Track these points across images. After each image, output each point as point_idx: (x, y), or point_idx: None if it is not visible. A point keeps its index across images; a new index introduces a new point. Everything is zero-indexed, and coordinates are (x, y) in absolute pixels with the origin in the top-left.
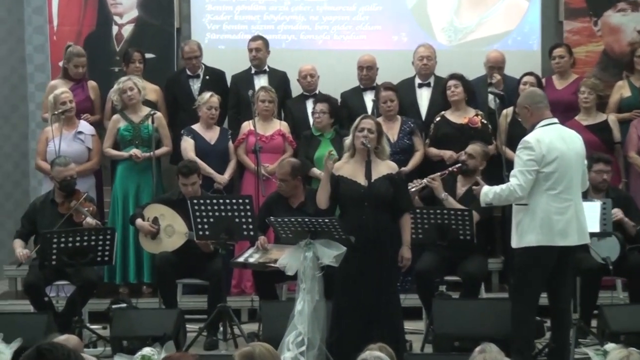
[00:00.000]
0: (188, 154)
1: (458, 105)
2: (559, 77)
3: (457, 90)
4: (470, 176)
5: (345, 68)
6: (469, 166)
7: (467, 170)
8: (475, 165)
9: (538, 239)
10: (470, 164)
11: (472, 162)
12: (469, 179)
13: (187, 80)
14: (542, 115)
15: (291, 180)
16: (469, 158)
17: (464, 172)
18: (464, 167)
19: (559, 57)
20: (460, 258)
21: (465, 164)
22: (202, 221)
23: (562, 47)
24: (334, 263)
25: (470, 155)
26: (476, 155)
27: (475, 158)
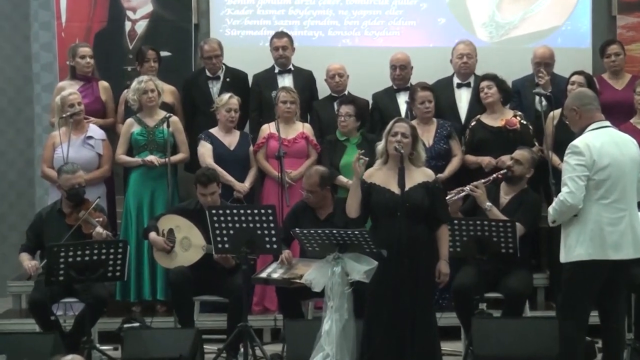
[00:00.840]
0: (206, 160)
1: (493, 107)
2: (612, 77)
3: (490, 91)
4: (515, 184)
5: (377, 67)
6: (515, 173)
7: (513, 178)
8: (522, 172)
9: (589, 253)
10: (517, 170)
11: (519, 168)
12: (514, 187)
13: (206, 82)
14: (592, 117)
15: (320, 191)
16: (516, 164)
17: (508, 180)
18: (509, 174)
19: (614, 54)
20: (502, 273)
21: (510, 170)
22: (221, 233)
23: (616, 44)
24: (364, 279)
25: (517, 160)
26: (524, 161)
27: (523, 164)
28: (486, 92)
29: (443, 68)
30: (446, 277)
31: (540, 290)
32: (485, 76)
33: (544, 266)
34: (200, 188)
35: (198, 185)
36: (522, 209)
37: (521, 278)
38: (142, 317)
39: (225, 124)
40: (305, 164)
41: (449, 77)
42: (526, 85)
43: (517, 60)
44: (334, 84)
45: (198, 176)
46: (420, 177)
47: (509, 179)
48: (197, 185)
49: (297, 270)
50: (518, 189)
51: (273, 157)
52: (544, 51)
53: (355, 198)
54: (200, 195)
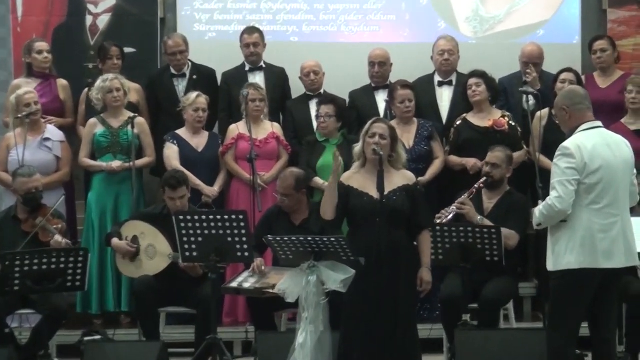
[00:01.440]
0: (172, 163)
1: (481, 106)
2: (601, 74)
3: (479, 89)
4: (497, 187)
5: (354, 64)
6: (495, 177)
7: (494, 182)
8: (502, 174)
9: (579, 261)
10: (496, 174)
11: (498, 171)
12: (497, 191)
13: (171, 80)
14: (583, 117)
15: (295, 194)
16: (493, 168)
17: (489, 185)
18: (490, 180)
19: (600, 50)
20: (484, 282)
21: (490, 176)
22: (189, 240)
23: (604, 40)
24: (340, 288)
25: (493, 165)
26: (500, 163)
27: (500, 166)
28: (474, 90)
29: (424, 65)
30: (428, 285)
31: (527, 300)
32: (473, 73)
33: (531, 274)
34: (168, 191)
35: (166, 188)
36: (512, 216)
37: (499, 286)
38: (104, 329)
39: (193, 125)
40: (277, 166)
41: (430, 74)
42: (513, 83)
43: (503, 56)
44: (308, 82)
45: (166, 179)
46: (401, 180)
47: (489, 185)
48: (165, 188)
49: (270, 279)
50: (501, 192)
51: (243, 159)
52: (532, 49)
53: (331, 199)
54: (169, 199)
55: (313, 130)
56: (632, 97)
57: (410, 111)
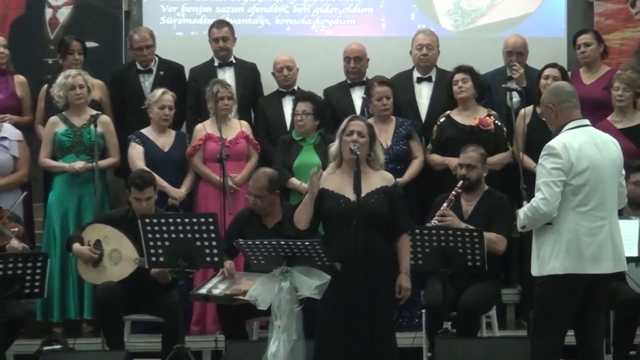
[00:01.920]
0: (136, 163)
1: (467, 103)
2: (586, 70)
3: (465, 85)
4: (475, 189)
5: (329, 59)
6: (472, 179)
7: (471, 184)
8: (478, 174)
9: (564, 266)
10: (472, 175)
11: (474, 172)
12: (475, 192)
13: (137, 76)
14: (570, 115)
15: (268, 195)
16: (468, 170)
17: (467, 188)
18: (467, 183)
19: (584, 45)
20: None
21: (466, 178)
22: (155, 245)
23: (588, 34)
24: (315, 295)
25: (468, 166)
26: (475, 163)
27: (476, 166)
28: (460, 86)
29: (402, 60)
30: (407, 292)
31: (511, 306)
32: (460, 68)
33: (515, 280)
34: (134, 192)
35: (132, 189)
36: (496, 218)
37: (478, 291)
38: (64, 338)
39: (159, 123)
40: (248, 167)
41: (408, 70)
42: (497, 80)
43: (485, 51)
44: (281, 78)
45: (133, 179)
46: (379, 181)
47: (466, 187)
48: (131, 189)
49: (241, 285)
50: (479, 192)
51: (211, 161)
52: (515, 40)
53: (306, 212)
54: (135, 200)
55: (286, 129)
56: (619, 94)
57: (387, 109)
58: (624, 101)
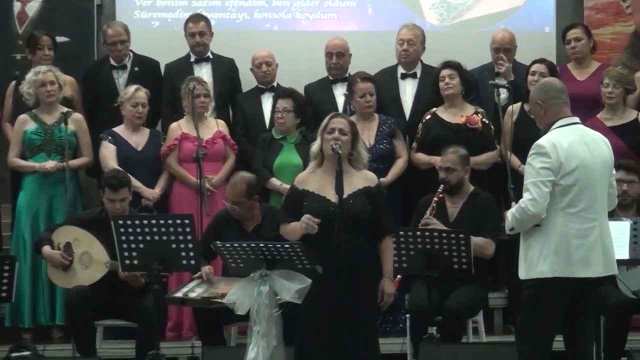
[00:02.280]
0: (108, 163)
1: (453, 100)
2: (576, 66)
3: (452, 82)
4: (459, 191)
5: (310, 54)
6: (452, 182)
7: (454, 188)
8: (459, 177)
9: (553, 269)
10: (452, 179)
11: (454, 176)
12: (460, 194)
13: (111, 72)
14: (559, 113)
15: (247, 201)
16: (448, 173)
17: (449, 191)
18: (447, 187)
19: (574, 40)
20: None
21: (446, 182)
22: (129, 247)
23: (578, 28)
24: (295, 299)
25: (447, 169)
26: (455, 166)
27: (455, 169)
28: (447, 83)
29: (386, 56)
30: (390, 297)
31: (498, 311)
32: (447, 64)
33: (502, 283)
34: (108, 193)
35: (106, 189)
36: (484, 221)
37: (464, 296)
38: (34, 344)
39: (132, 121)
40: (225, 168)
41: (392, 66)
42: (484, 75)
43: (472, 46)
44: (260, 74)
45: (107, 179)
46: (361, 181)
47: (449, 190)
48: (104, 189)
49: (219, 289)
50: (465, 194)
51: (187, 161)
52: (503, 35)
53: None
54: (108, 201)
55: (265, 127)
56: (609, 91)
57: (371, 106)
58: (614, 98)
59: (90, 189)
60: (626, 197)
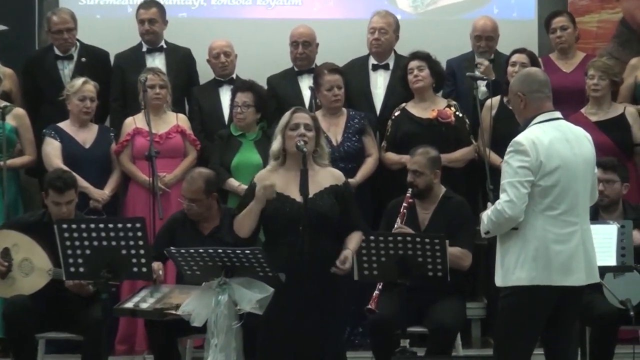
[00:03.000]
0: (52, 161)
1: (423, 94)
2: (560, 56)
3: (421, 74)
4: (429, 194)
5: (273, 44)
6: (420, 186)
7: (422, 192)
8: (427, 181)
9: (531, 277)
10: (420, 182)
11: (422, 179)
12: (430, 198)
13: (55, 63)
14: (540, 107)
15: (205, 199)
16: (415, 176)
17: (418, 195)
18: (416, 191)
19: (560, 29)
20: (428, 302)
21: (414, 186)
22: (74, 254)
23: (563, 16)
24: (257, 310)
25: (415, 172)
26: (423, 169)
27: (423, 173)
28: (416, 75)
29: (356, 45)
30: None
31: (476, 322)
32: (415, 55)
33: (481, 293)
34: (53, 195)
35: (51, 191)
36: (458, 228)
37: (451, 308)
38: None
39: (79, 116)
40: (182, 165)
41: (363, 57)
42: (463, 66)
43: (449, 34)
44: (218, 65)
45: (51, 180)
46: (327, 179)
47: (418, 194)
48: (48, 191)
49: (173, 299)
50: (436, 198)
51: (140, 158)
52: (485, 22)
53: (250, 220)
54: (53, 204)
55: (224, 122)
56: (594, 82)
57: (338, 100)
58: (599, 91)
59: (32, 190)
60: (603, 197)
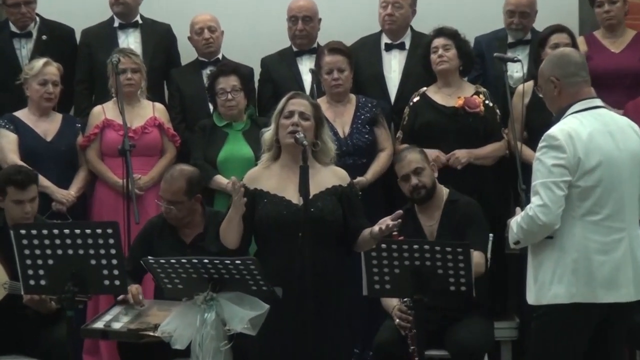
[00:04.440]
0: (7, 156)
1: (448, 77)
2: (607, 34)
3: (447, 54)
4: (430, 197)
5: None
6: (428, 185)
7: (426, 195)
8: (432, 176)
9: (570, 293)
10: (426, 181)
11: (426, 176)
12: (434, 204)
13: (11, 41)
14: (577, 94)
15: (186, 201)
16: (419, 176)
17: (421, 201)
18: (418, 195)
19: (608, 2)
20: (449, 321)
21: (421, 188)
22: (34, 264)
23: None
24: (249, 330)
25: (415, 171)
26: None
27: (424, 168)
28: (441, 55)
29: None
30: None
31: (506, 344)
32: (441, 31)
33: (512, 311)
34: (14, 193)
35: (10, 189)
36: (467, 230)
37: (476, 328)
38: None
39: (39, 104)
40: (160, 165)
41: (375, 34)
42: (494, 46)
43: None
44: (202, 43)
45: (9, 175)
46: (330, 179)
47: (421, 200)
48: (6, 190)
49: (150, 317)
50: (440, 202)
51: (110, 155)
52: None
53: (234, 229)
54: (14, 204)
55: (209, 110)
56: None
57: (340, 85)
58: None
59: None
60: None
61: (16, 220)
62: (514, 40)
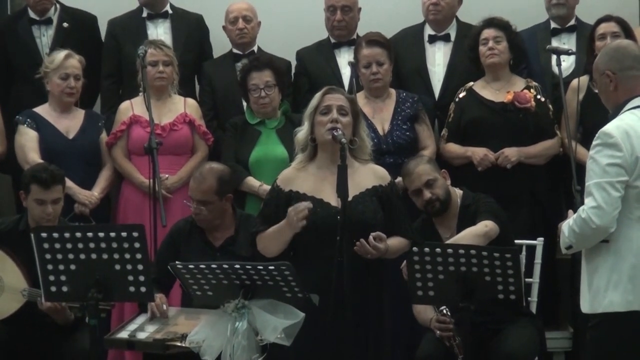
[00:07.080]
0: (27, 155)
1: (497, 72)
2: None
3: (498, 46)
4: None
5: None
6: (442, 197)
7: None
8: (445, 185)
9: (627, 301)
10: (440, 193)
11: (439, 187)
12: (450, 213)
13: (30, 30)
14: (634, 88)
15: (217, 201)
16: (431, 188)
17: (436, 214)
18: (433, 208)
19: None
20: (495, 331)
21: (435, 201)
22: (56, 269)
23: None
24: (282, 340)
25: (427, 184)
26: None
27: (436, 178)
28: (491, 48)
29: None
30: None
31: (559, 356)
32: (491, 22)
33: (565, 320)
34: (37, 191)
35: (34, 187)
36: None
37: (524, 337)
38: None
39: (60, 99)
40: (189, 165)
41: (418, 25)
42: (537, 39)
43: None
44: (236, 33)
45: (35, 173)
46: (369, 179)
47: (437, 211)
48: (30, 188)
49: (178, 326)
50: (455, 210)
51: (137, 154)
52: None
53: (280, 242)
54: (36, 203)
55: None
56: None
57: (378, 79)
58: None
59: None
60: None
61: (37, 222)
62: (556, 18)
